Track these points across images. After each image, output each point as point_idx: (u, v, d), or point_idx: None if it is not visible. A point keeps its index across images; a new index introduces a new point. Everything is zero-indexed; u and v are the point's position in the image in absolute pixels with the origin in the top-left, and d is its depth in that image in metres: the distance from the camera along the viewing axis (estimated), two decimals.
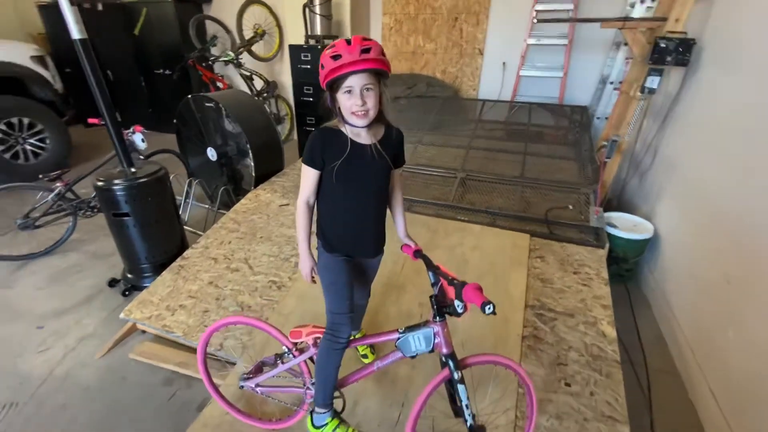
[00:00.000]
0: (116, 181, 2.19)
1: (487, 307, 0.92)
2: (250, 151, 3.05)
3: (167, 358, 1.97)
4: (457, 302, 1.03)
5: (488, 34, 4.32)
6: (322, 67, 1.07)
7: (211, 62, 4.95)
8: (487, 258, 2.26)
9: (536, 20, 3.21)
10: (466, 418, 1.17)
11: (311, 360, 1.35)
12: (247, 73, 4.80)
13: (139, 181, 2.24)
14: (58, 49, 5.23)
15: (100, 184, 2.20)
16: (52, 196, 2.68)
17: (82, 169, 2.82)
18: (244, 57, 4.76)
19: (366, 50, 1.04)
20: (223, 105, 2.99)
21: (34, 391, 1.82)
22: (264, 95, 4.92)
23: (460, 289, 1.00)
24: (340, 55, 1.03)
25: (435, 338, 1.15)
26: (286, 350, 1.38)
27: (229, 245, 2.51)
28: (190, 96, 3.13)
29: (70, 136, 4.29)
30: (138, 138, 2.80)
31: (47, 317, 2.27)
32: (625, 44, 3.37)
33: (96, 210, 2.82)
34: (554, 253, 2.30)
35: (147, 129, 5.52)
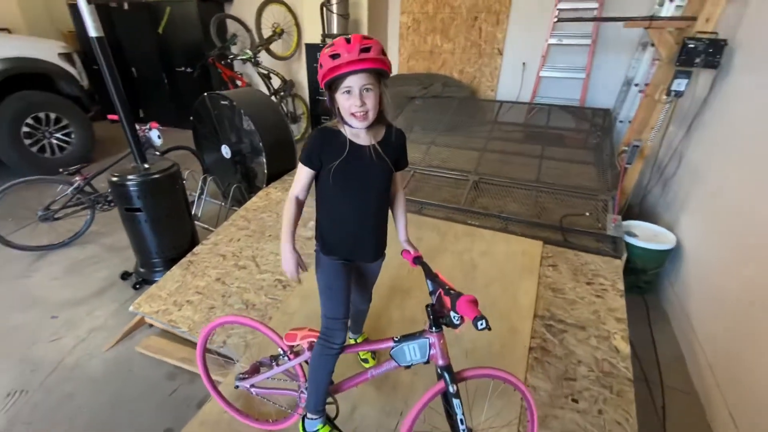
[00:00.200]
0: (129, 177, 2.24)
1: (480, 323, 0.87)
2: (263, 149, 3.07)
3: (172, 353, 1.99)
4: (453, 313, 0.99)
5: (508, 34, 4.22)
6: (321, 66, 1.04)
7: (230, 60, 5.02)
8: (497, 264, 2.20)
9: (556, 19, 3.09)
10: None
11: (307, 363, 1.33)
12: (265, 72, 4.85)
13: (151, 177, 2.28)
14: (87, 46, 5.40)
15: (114, 179, 2.25)
16: (71, 189, 2.76)
17: (105, 164, 2.90)
18: (262, 55, 4.81)
19: (366, 49, 1.00)
20: (237, 103, 3.01)
21: (44, 379, 1.87)
22: (281, 94, 4.96)
23: (455, 300, 0.95)
24: (338, 54, 1.00)
25: (430, 349, 1.11)
26: (282, 352, 1.36)
27: (238, 242, 2.52)
28: (206, 93, 3.17)
29: (93, 131, 4.43)
30: (154, 134, 2.86)
31: (61, 307, 2.33)
32: (652, 45, 3.23)
33: (113, 204, 2.89)
34: (567, 261, 2.21)
35: (169, 126, 5.68)
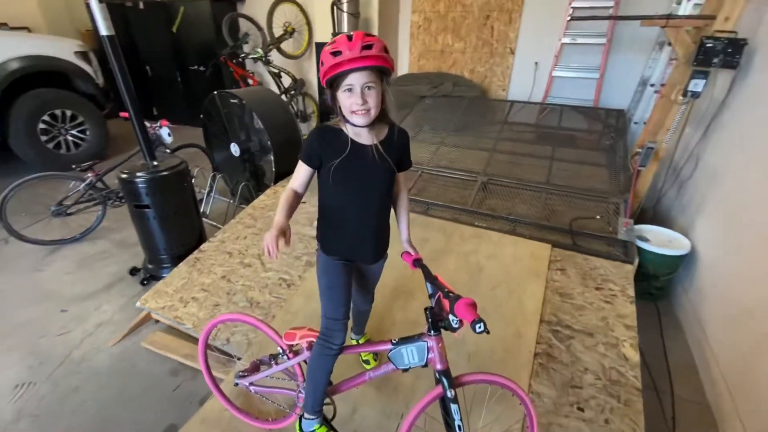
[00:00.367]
0: (138, 174, 2.26)
1: (478, 326, 0.85)
2: (272, 148, 3.08)
3: (176, 349, 2.01)
4: (452, 317, 0.97)
5: (520, 33, 4.15)
6: (322, 63, 1.03)
7: (241, 59, 5.05)
8: (503, 267, 2.16)
9: (570, 18, 3.03)
10: None
11: (306, 363, 1.32)
12: (276, 71, 4.87)
13: (159, 175, 2.30)
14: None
15: (124, 176, 2.28)
16: (83, 185, 2.81)
17: (117, 160, 2.94)
18: (273, 54, 4.83)
19: (367, 46, 0.99)
20: (246, 101, 3.02)
21: (51, 372, 1.90)
22: (291, 92, 4.98)
23: (453, 303, 0.93)
24: (340, 52, 0.99)
25: (429, 353, 1.09)
26: (281, 351, 1.35)
27: (244, 240, 2.54)
28: (215, 92, 3.19)
29: (108, 129, 4.51)
30: (164, 132, 2.89)
31: (71, 301, 2.38)
32: (669, 44, 3.14)
33: (123, 200, 2.94)
34: (576, 265, 2.16)
35: (181, 123, 5.75)
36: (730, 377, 1.75)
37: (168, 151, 3.12)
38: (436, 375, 1.10)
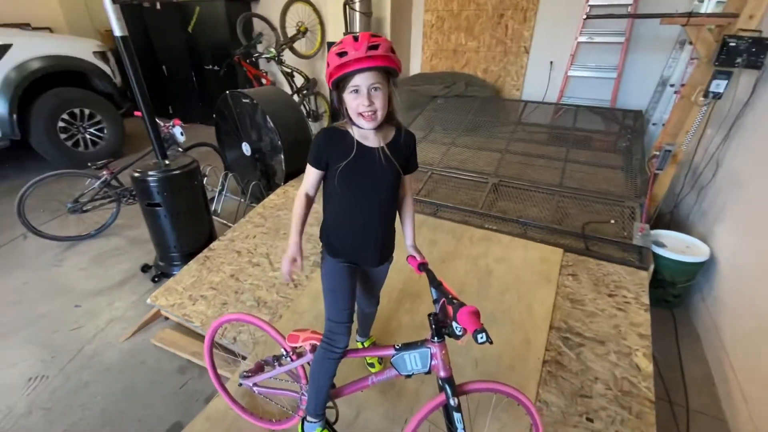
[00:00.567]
0: (150, 173, 2.29)
1: (480, 336, 0.82)
2: (283, 148, 3.09)
3: (184, 347, 2.03)
4: (456, 324, 0.94)
5: (535, 32, 4.07)
6: (328, 65, 1.01)
7: (255, 59, 5.09)
8: (513, 271, 2.12)
9: (586, 16, 2.95)
10: None
11: (309, 365, 1.31)
12: (288, 70, 4.89)
13: (170, 174, 2.33)
14: None
15: (136, 174, 2.31)
16: (98, 183, 2.87)
17: (132, 159, 3.00)
18: (286, 54, 4.85)
19: (374, 47, 0.97)
20: (258, 101, 3.04)
21: (64, 366, 1.94)
22: (304, 92, 4.99)
23: (456, 311, 0.91)
24: (346, 52, 0.97)
25: (432, 359, 1.07)
26: (284, 353, 1.35)
27: (253, 239, 2.55)
28: (228, 92, 3.22)
29: (124, 127, 4.60)
30: (177, 131, 2.93)
31: (85, 297, 2.43)
32: (690, 43, 3.04)
33: (137, 198, 2.98)
34: (589, 271, 2.11)
35: (196, 122, 5.83)
36: (749, 391, 1.68)
37: (180, 149, 3.16)
38: (439, 382, 1.07)
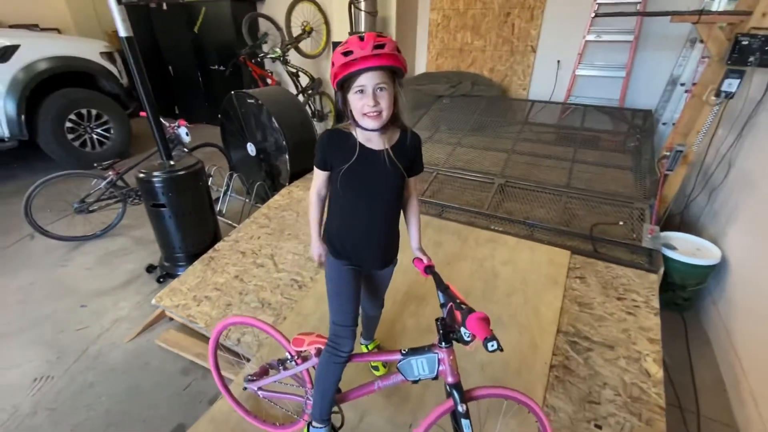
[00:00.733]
0: (155, 173, 2.29)
1: (490, 344, 0.80)
2: (287, 148, 3.08)
3: (188, 348, 2.02)
4: (464, 330, 0.92)
5: (543, 30, 4.02)
6: (333, 65, 1.00)
7: (260, 59, 5.09)
8: (520, 274, 2.09)
9: (594, 14, 2.91)
10: None
11: (314, 369, 1.30)
12: (293, 70, 4.89)
13: (175, 174, 2.32)
14: None
15: (141, 175, 2.31)
16: (104, 183, 2.87)
17: (138, 159, 3.00)
18: (291, 54, 4.84)
19: (379, 46, 0.95)
20: (263, 101, 3.03)
21: (69, 366, 1.94)
22: (309, 92, 4.99)
23: (465, 316, 0.89)
24: (351, 51, 0.96)
25: (439, 365, 1.05)
26: (289, 357, 1.33)
27: (258, 240, 2.54)
28: (233, 92, 3.22)
29: (131, 127, 4.62)
30: (182, 131, 2.93)
31: (90, 297, 2.43)
32: (701, 41, 2.98)
33: (142, 198, 2.99)
34: (597, 274, 2.07)
35: (202, 122, 5.84)
36: (762, 398, 1.64)
37: (186, 150, 3.16)
38: (447, 388, 1.05)
